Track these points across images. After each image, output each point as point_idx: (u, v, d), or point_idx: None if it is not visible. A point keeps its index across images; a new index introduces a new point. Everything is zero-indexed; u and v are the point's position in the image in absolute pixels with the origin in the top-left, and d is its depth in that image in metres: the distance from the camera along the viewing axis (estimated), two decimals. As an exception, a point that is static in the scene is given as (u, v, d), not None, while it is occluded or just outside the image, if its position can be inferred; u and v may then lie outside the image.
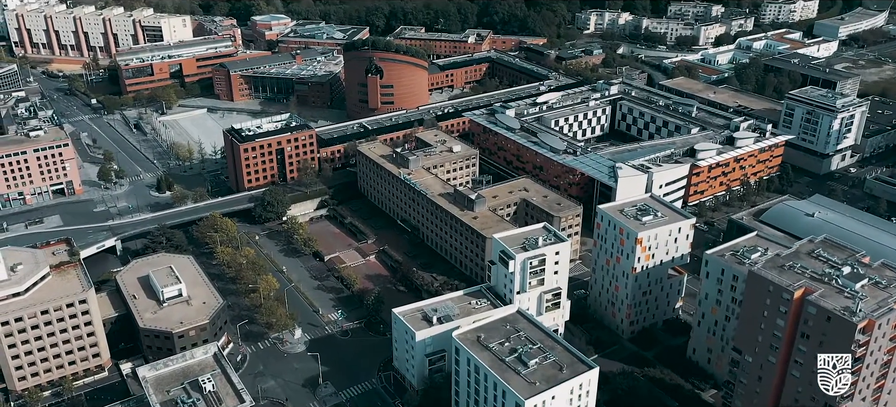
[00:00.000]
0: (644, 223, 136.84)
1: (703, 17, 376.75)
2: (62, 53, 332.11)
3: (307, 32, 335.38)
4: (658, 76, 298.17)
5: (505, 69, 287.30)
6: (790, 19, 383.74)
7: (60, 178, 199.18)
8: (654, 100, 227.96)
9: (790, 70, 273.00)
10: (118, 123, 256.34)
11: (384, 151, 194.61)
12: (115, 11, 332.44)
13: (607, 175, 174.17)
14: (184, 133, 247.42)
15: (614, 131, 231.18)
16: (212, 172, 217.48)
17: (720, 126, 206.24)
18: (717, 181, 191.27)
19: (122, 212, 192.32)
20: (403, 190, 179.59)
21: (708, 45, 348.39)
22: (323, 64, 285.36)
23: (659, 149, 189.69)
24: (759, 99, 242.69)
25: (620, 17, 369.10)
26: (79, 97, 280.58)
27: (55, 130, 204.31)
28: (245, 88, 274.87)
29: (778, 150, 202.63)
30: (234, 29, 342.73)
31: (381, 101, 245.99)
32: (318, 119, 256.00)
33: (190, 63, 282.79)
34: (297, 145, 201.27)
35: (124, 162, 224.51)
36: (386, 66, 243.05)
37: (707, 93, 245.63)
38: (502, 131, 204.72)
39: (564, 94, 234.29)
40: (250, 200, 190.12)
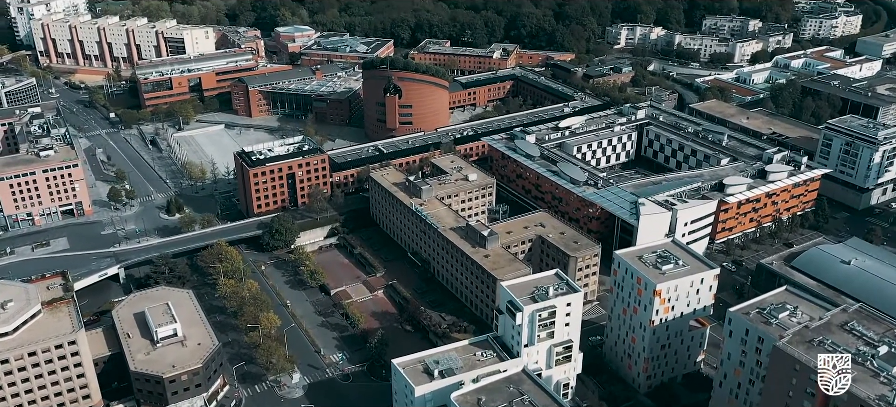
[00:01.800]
0: (664, 273, 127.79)
1: (739, 32, 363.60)
2: (86, 63, 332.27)
3: (330, 45, 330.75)
4: (690, 96, 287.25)
5: (529, 88, 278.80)
6: (831, 35, 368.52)
7: (70, 198, 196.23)
8: (683, 126, 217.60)
9: (829, 93, 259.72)
10: (135, 139, 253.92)
11: (397, 179, 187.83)
12: (138, 22, 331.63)
13: (629, 211, 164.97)
14: (199, 150, 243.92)
15: (640, 157, 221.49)
16: (224, 194, 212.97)
17: (752, 157, 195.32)
18: (746, 218, 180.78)
19: (129, 235, 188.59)
20: (415, 221, 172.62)
21: (743, 62, 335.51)
22: (343, 80, 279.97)
23: (685, 182, 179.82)
24: (795, 126, 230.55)
25: (652, 31, 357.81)
26: (99, 110, 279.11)
27: (66, 150, 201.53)
28: (263, 104, 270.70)
29: (814, 185, 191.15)
30: (257, 40, 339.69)
31: (399, 122, 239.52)
32: (335, 137, 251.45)
33: (209, 77, 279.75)
34: (308, 170, 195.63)
35: (137, 181, 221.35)
36: (405, 85, 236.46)
37: (740, 117, 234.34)
38: (521, 159, 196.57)
39: (589, 117, 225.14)
40: (259, 227, 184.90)
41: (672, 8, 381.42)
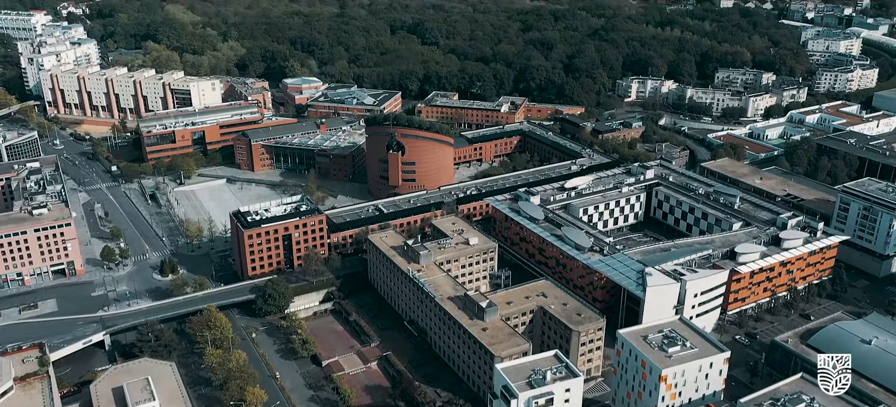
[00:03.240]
0: (670, 356, 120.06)
1: (752, 86, 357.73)
2: (94, 114, 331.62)
3: (337, 97, 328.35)
4: (701, 152, 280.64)
5: (536, 143, 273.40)
6: (847, 89, 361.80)
7: (61, 258, 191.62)
8: (694, 187, 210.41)
9: (846, 152, 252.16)
10: (135, 193, 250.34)
11: (396, 242, 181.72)
12: (145, 74, 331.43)
13: (635, 282, 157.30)
14: (199, 206, 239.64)
15: (649, 219, 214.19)
16: (220, 253, 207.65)
17: (765, 221, 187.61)
18: (760, 287, 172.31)
19: (120, 297, 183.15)
20: (412, 288, 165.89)
21: (757, 116, 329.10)
22: (347, 134, 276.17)
23: (695, 249, 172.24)
24: (810, 187, 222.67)
25: (664, 85, 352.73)
26: (101, 163, 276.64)
27: (60, 208, 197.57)
28: (266, 158, 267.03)
29: (830, 253, 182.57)
30: (264, 92, 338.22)
31: (402, 179, 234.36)
32: (337, 193, 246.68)
33: (213, 130, 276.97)
34: (305, 231, 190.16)
35: (133, 238, 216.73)
36: (408, 142, 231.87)
37: (753, 178, 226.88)
38: (525, 222, 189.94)
39: (596, 177, 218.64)
40: (252, 291, 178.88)
41: (684, 60, 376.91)
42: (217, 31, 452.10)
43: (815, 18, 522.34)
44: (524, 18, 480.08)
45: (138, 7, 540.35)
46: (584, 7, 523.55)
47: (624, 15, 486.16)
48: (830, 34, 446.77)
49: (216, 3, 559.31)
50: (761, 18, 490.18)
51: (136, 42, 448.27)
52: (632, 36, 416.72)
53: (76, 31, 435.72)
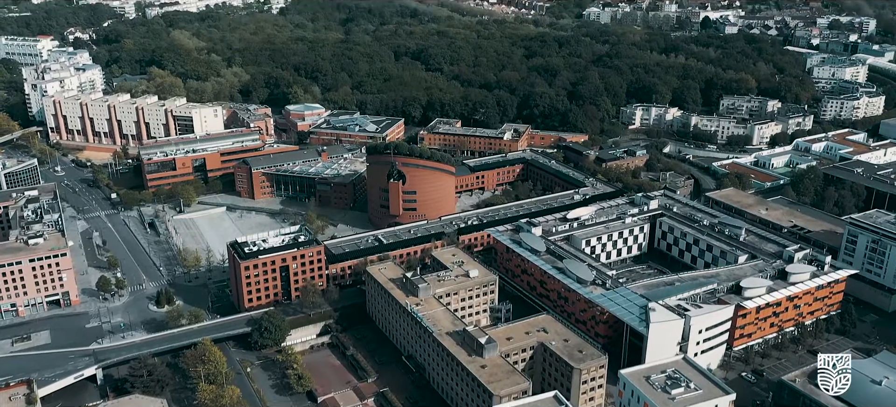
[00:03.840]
0: (673, 399, 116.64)
1: (757, 113, 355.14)
2: (96, 140, 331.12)
3: (340, 124, 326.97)
4: (706, 181, 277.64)
5: (539, 172, 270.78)
6: (853, 117, 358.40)
7: (56, 288, 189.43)
8: (699, 218, 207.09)
9: (853, 182, 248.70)
10: (134, 221, 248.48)
11: (395, 274, 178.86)
12: (148, 100, 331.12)
13: (638, 318, 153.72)
14: (198, 235, 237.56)
15: (653, 250, 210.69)
16: (218, 283, 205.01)
17: (771, 254, 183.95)
18: (766, 323, 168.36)
19: (114, 329, 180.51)
20: (410, 322, 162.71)
21: (762, 144, 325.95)
22: (349, 162, 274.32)
23: (700, 283, 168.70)
24: (817, 218, 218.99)
25: (668, 112, 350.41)
26: (101, 190, 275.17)
27: (56, 237, 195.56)
28: (267, 186, 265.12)
29: (838, 287, 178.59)
30: (267, 119, 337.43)
31: (403, 208, 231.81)
32: (338, 222, 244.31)
33: (214, 157, 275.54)
34: (303, 262, 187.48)
35: (130, 268, 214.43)
36: (409, 171, 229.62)
37: (758, 208, 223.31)
38: (526, 254, 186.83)
39: (599, 207, 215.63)
40: (248, 324, 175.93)
41: (688, 88, 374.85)
42: (221, 57, 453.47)
43: (820, 45, 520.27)
44: (528, 44, 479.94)
45: (144, 32, 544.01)
46: (589, 33, 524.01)
47: (628, 41, 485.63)
48: (836, 61, 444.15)
49: (222, 28, 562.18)
50: (766, 45, 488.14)
51: (141, 68, 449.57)
52: (636, 63, 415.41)
53: (81, 56, 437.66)
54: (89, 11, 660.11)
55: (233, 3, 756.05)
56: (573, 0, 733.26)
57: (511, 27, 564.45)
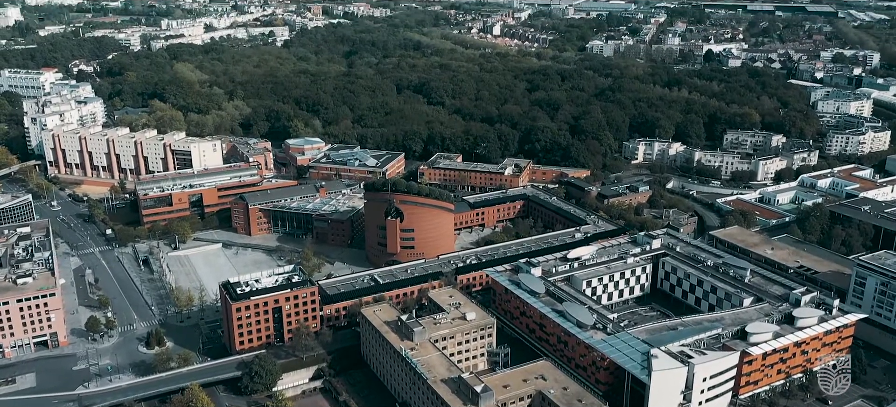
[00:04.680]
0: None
1: (762, 148, 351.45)
2: (94, 174, 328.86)
3: (340, 158, 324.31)
4: (710, 218, 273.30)
5: (540, 208, 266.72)
6: (859, 152, 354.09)
7: (44, 329, 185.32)
8: (703, 258, 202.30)
9: (860, 220, 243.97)
10: (128, 258, 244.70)
11: (390, 316, 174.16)
12: (147, 134, 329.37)
13: (640, 365, 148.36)
14: (192, 272, 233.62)
15: (656, 291, 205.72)
16: (210, 324, 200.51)
17: (778, 297, 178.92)
18: (773, 369, 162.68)
19: (101, 372, 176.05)
20: (405, 368, 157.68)
21: (767, 179, 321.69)
22: (347, 198, 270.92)
23: (704, 327, 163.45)
24: (824, 258, 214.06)
25: (671, 147, 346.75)
26: (97, 225, 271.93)
27: (46, 276, 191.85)
28: (263, 222, 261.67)
29: (847, 331, 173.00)
30: (266, 153, 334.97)
31: (400, 246, 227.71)
32: (335, 260, 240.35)
33: (211, 193, 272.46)
34: (296, 304, 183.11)
35: (122, 307, 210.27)
36: (407, 208, 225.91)
37: (764, 247, 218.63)
38: (525, 295, 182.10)
39: (600, 247, 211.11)
40: (238, 367, 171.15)
41: (692, 122, 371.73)
42: (223, 90, 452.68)
43: (824, 78, 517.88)
44: (531, 78, 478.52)
45: (147, 65, 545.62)
46: (591, 66, 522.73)
47: (631, 74, 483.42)
48: (840, 95, 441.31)
49: (225, 61, 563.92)
50: (770, 79, 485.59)
51: (143, 100, 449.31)
52: (639, 96, 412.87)
53: (84, 89, 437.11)
54: (94, 44, 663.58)
55: (237, 35, 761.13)
56: (576, 33, 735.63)
57: (514, 60, 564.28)
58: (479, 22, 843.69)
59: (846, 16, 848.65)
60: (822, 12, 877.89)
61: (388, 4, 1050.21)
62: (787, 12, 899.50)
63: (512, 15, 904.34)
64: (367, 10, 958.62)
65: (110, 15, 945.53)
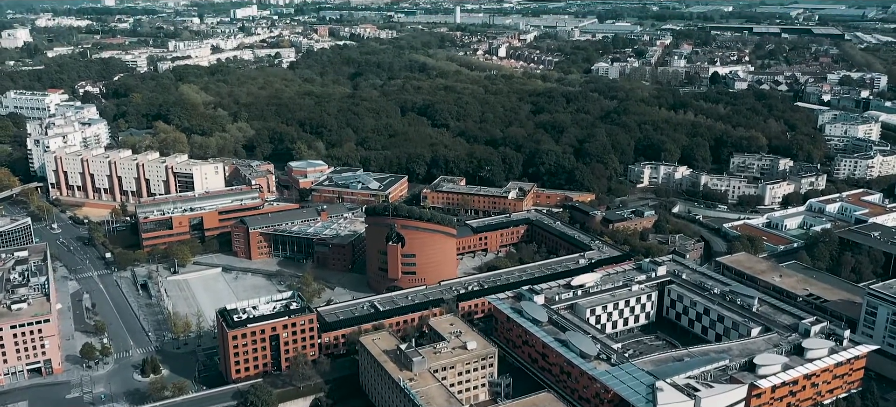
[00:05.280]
0: None
1: (768, 172, 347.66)
2: (96, 197, 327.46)
3: (342, 181, 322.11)
4: (717, 243, 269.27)
5: (544, 233, 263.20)
6: (867, 176, 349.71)
7: (38, 356, 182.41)
8: (709, 286, 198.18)
9: (870, 246, 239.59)
10: (127, 282, 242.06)
11: (389, 345, 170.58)
12: (149, 156, 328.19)
13: (644, 398, 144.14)
14: (191, 297, 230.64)
15: (662, 320, 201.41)
16: (207, 351, 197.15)
17: (787, 326, 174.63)
18: (783, 403, 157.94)
19: (95, 401, 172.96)
20: (403, 399, 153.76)
21: (774, 204, 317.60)
22: (349, 222, 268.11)
23: (710, 359, 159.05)
24: (833, 286, 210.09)
25: (677, 171, 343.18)
26: (97, 248, 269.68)
27: (40, 302, 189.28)
28: (264, 246, 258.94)
29: (859, 363, 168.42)
30: (269, 175, 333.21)
31: (401, 272, 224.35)
32: (335, 285, 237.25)
33: (211, 216, 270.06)
34: (294, 331, 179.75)
35: (118, 332, 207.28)
36: (408, 233, 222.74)
37: (771, 275, 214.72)
38: (527, 324, 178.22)
39: (605, 274, 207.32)
40: (234, 397, 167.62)
41: (697, 145, 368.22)
42: (228, 112, 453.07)
43: (831, 101, 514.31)
44: (535, 100, 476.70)
45: (153, 86, 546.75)
46: (597, 89, 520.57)
47: (636, 97, 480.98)
48: (848, 117, 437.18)
49: (230, 83, 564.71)
50: (776, 101, 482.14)
51: (148, 122, 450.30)
52: (644, 119, 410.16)
53: (88, 110, 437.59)
54: (102, 65, 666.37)
55: (244, 57, 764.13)
56: (581, 55, 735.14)
57: (519, 82, 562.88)
58: (484, 44, 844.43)
59: (853, 38, 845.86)
60: (828, 35, 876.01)
61: (394, 26, 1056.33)
62: (794, 34, 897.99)
63: (517, 37, 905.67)
64: (373, 31, 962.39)
65: (119, 36, 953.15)
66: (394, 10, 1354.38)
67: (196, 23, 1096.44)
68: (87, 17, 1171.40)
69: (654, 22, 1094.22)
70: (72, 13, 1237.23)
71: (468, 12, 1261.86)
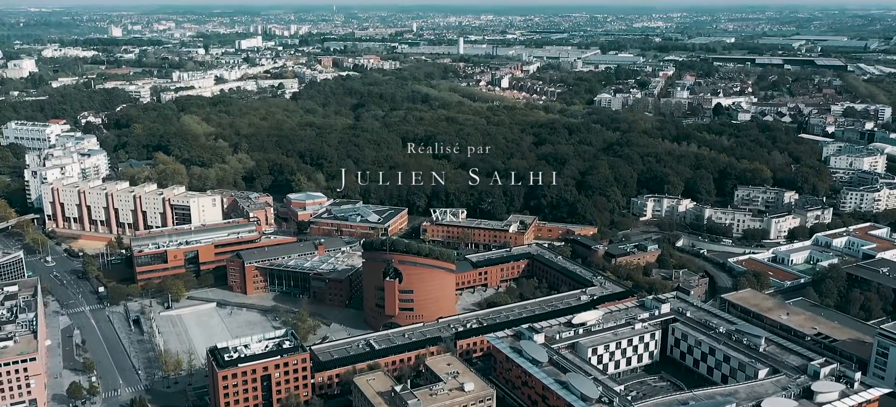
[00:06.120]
0: None
1: (773, 205, 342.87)
2: (92, 229, 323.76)
3: (341, 214, 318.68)
4: (722, 278, 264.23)
5: (545, 268, 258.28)
6: (874, 209, 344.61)
7: (23, 396, 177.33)
8: (715, 325, 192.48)
9: (879, 284, 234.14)
10: (119, 317, 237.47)
11: (384, 386, 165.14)
12: (146, 188, 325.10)
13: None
14: (183, 334, 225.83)
15: (666, 359, 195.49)
16: (198, 390, 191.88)
17: (795, 368, 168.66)
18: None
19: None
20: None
21: (780, 238, 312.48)
22: (346, 255, 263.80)
23: (716, 403, 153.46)
24: (842, 324, 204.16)
25: (680, 203, 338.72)
26: (90, 282, 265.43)
27: (27, 340, 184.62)
28: (260, 281, 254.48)
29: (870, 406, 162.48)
30: (267, 207, 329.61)
31: (399, 308, 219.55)
32: (331, 321, 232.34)
33: (207, 250, 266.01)
34: (286, 371, 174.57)
35: (108, 370, 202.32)
36: (406, 269, 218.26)
37: (779, 313, 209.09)
38: (526, 364, 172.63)
39: (607, 312, 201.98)
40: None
41: (701, 178, 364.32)
42: (228, 143, 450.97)
43: (835, 133, 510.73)
44: (537, 131, 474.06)
45: (155, 117, 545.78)
46: (599, 120, 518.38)
47: (639, 128, 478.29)
48: (853, 150, 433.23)
49: (232, 113, 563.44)
50: (780, 133, 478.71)
51: (148, 153, 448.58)
52: (647, 151, 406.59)
53: (89, 141, 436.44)
54: (105, 95, 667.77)
55: (247, 87, 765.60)
56: (584, 86, 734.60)
57: (521, 113, 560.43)
58: (487, 74, 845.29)
59: (855, 69, 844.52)
60: (830, 66, 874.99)
61: (397, 57, 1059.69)
62: (796, 66, 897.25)
63: (520, 67, 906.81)
64: (377, 62, 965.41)
65: (124, 66, 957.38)
66: (398, 41, 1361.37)
67: (201, 53, 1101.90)
68: (94, 48, 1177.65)
69: (656, 53, 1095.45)
70: (79, 44, 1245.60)
71: (471, 43, 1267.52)
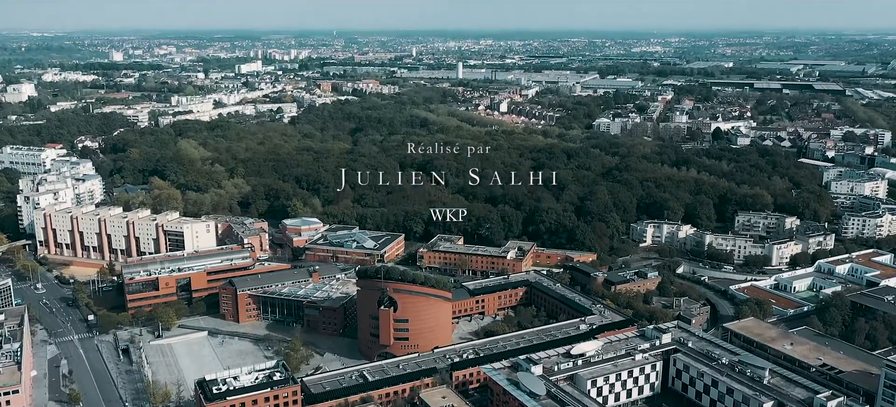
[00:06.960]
0: None
1: (775, 230, 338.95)
2: (85, 255, 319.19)
3: (337, 240, 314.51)
4: (723, 306, 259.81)
5: (543, 296, 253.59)
6: (877, 235, 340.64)
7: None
8: (717, 356, 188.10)
9: (884, 312, 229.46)
10: (108, 346, 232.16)
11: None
12: (140, 214, 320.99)
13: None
14: (173, 364, 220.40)
15: (667, 390, 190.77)
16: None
17: (801, 401, 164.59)
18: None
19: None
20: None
21: (782, 264, 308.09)
22: (341, 283, 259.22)
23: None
24: (848, 355, 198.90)
25: (681, 229, 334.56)
26: (80, 310, 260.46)
27: (11, 371, 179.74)
28: (253, 309, 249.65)
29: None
30: (262, 233, 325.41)
31: (393, 338, 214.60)
32: (324, 351, 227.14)
33: (200, 277, 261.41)
34: (277, 404, 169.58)
35: (94, 402, 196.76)
36: (401, 297, 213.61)
37: (782, 342, 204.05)
38: (523, 397, 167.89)
39: (606, 342, 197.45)
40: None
41: (701, 203, 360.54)
42: (225, 168, 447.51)
43: (835, 157, 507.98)
44: (536, 156, 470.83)
45: (151, 141, 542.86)
46: (598, 145, 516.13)
47: (638, 153, 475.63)
48: (854, 175, 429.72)
49: (229, 138, 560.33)
50: (780, 157, 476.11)
51: (144, 177, 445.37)
52: (646, 176, 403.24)
53: (84, 166, 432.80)
54: (102, 120, 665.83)
55: (245, 111, 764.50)
56: (583, 110, 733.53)
57: (519, 138, 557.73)
58: (486, 99, 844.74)
59: (854, 94, 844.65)
60: (829, 90, 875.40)
61: (397, 81, 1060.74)
62: (795, 90, 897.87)
63: (519, 92, 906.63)
64: (376, 86, 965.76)
65: (123, 91, 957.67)
66: (397, 66, 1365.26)
67: (201, 78, 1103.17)
68: (94, 72, 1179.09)
69: (655, 77, 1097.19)
70: (79, 68, 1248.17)
71: (470, 68, 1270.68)
